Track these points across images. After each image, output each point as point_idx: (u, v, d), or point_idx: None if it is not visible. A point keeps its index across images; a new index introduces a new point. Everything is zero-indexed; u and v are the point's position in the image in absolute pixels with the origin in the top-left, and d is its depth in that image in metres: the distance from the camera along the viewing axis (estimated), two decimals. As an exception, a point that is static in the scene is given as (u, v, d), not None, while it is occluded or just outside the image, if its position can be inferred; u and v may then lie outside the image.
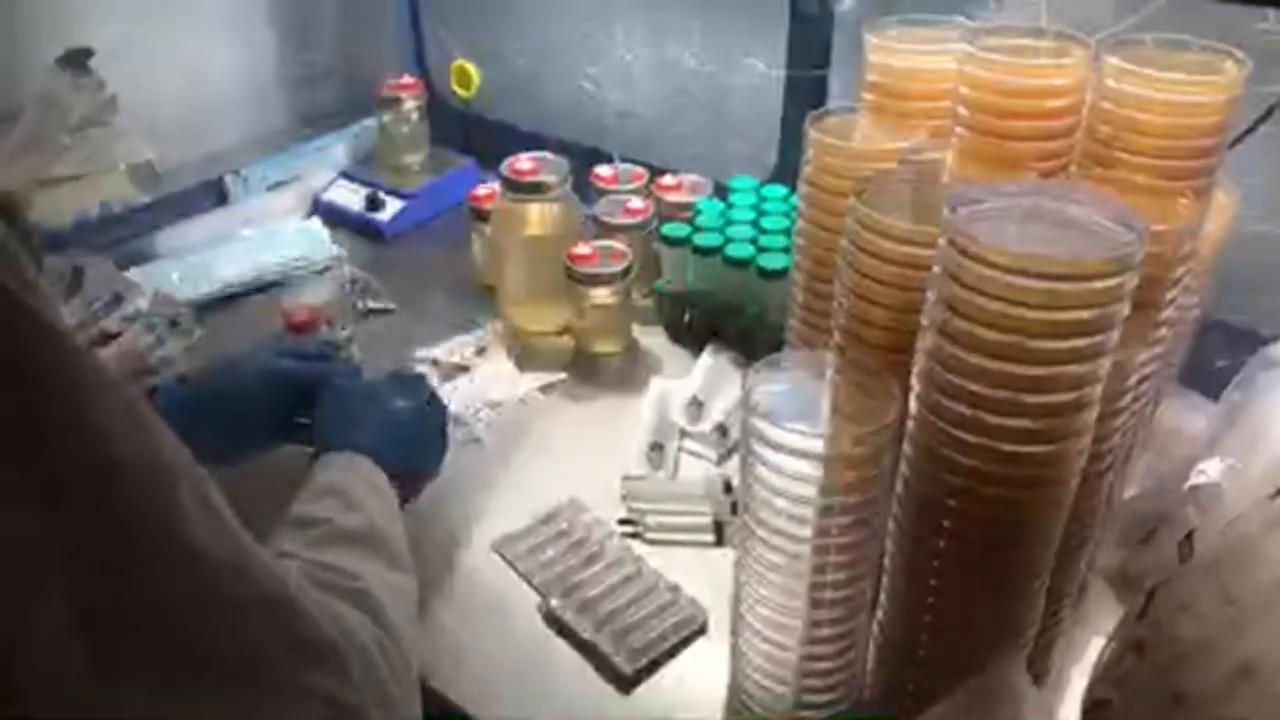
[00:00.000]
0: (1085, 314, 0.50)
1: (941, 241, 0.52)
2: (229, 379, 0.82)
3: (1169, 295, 0.65)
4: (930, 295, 0.55)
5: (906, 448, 0.59)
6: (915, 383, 0.58)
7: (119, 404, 0.39)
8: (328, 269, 1.23)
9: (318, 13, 1.59)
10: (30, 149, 1.18)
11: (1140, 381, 0.65)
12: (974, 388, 0.53)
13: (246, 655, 0.42)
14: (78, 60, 1.21)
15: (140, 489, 0.39)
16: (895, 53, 0.76)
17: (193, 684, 0.40)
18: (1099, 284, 0.49)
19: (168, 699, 0.39)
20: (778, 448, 0.59)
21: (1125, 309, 0.52)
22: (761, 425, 0.59)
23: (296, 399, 0.80)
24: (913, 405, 0.58)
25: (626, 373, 1.08)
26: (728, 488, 0.88)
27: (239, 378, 0.81)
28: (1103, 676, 0.66)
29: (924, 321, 0.56)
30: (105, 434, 0.38)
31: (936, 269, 0.54)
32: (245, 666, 0.42)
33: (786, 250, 1.02)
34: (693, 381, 1.03)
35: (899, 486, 0.61)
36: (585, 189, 1.19)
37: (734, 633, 0.71)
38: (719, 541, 0.86)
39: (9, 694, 0.36)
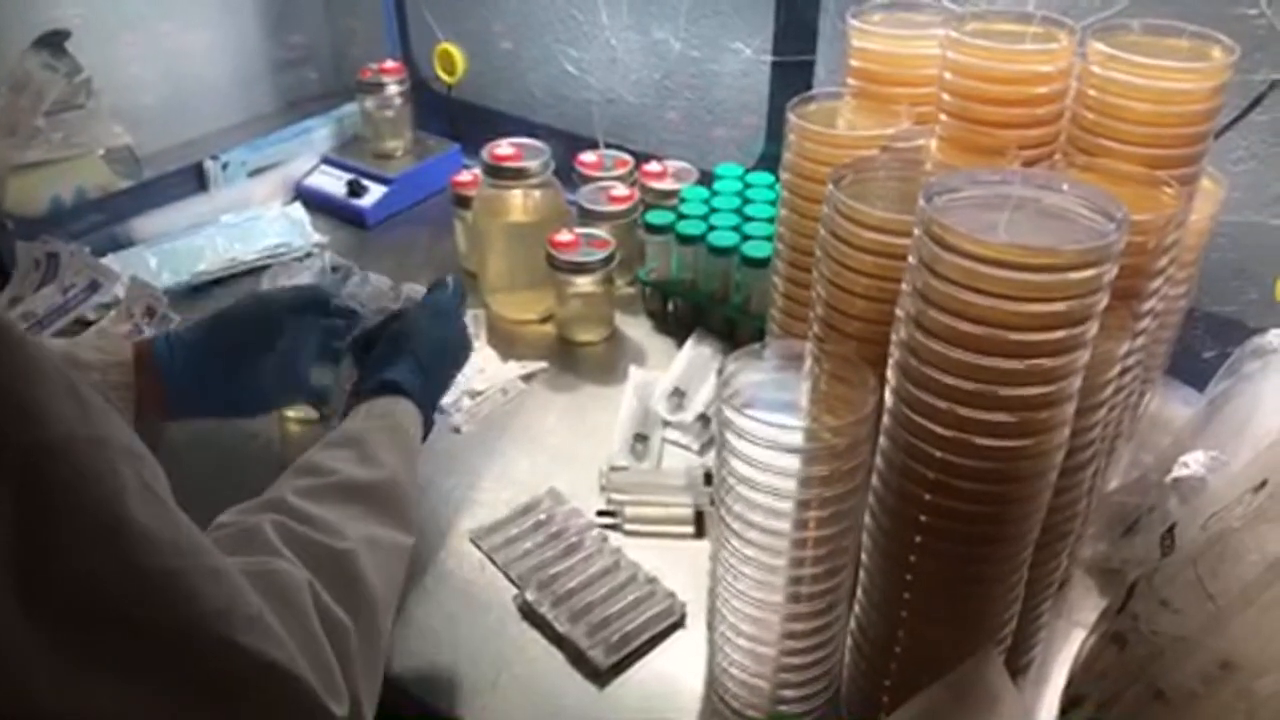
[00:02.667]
0: (1062, 306, 0.49)
1: (916, 230, 0.51)
2: (224, 314, 0.81)
3: (1152, 286, 0.64)
4: (905, 286, 0.54)
5: (882, 440, 0.59)
6: (890, 374, 0.57)
7: (61, 385, 0.40)
8: (309, 256, 1.21)
9: (301, -4, 1.57)
10: (3, 132, 1.16)
11: (1123, 373, 0.64)
12: (948, 380, 0.52)
13: (180, 626, 0.43)
14: (54, 42, 1.20)
15: (79, 465, 0.40)
16: (879, 38, 0.75)
17: (127, 653, 0.41)
18: (1076, 275, 0.48)
19: (102, 669, 0.40)
20: (753, 439, 0.58)
21: (1104, 300, 0.51)
22: (736, 416, 0.58)
23: (293, 335, 0.80)
24: (888, 398, 0.57)
25: (609, 362, 1.07)
26: (708, 479, 0.88)
27: (234, 310, 0.81)
28: (1083, 670, 0.66)
29: (899, 313, 0.55)
30: (44, 413, 0.39)
31: (911, 259, 0.53)
32: (179, 636, 0.43)
33: (771, 239, 1.01)
34: (675, 371, 1.02)
35: (875, 479, 0.61)
36: (570, 175, 1.18)
37: (711, 626, 0.70)
38: (700, 533, 0.85)
39: None
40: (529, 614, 0.78)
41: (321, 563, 0.55)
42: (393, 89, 1.35)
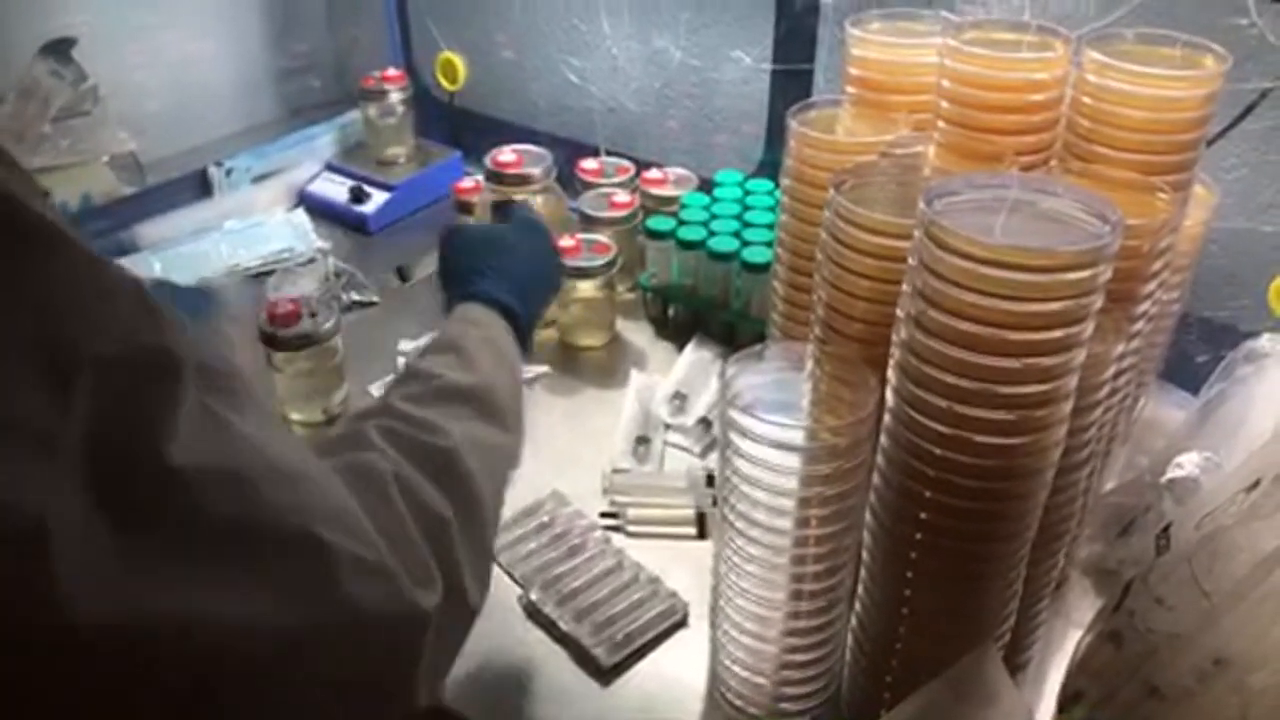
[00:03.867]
0: (1058, 306, 0.50)
1: (916, 233, 0.53)
2: None
3: (1146, 289, 0.66)
4: (906, 287, 0.55)
5: (883, 439, 0.60)
6: (891, 374, 0.58)
7: (131, 295, 0.40)
8: (311, 261, 1.22)
9: (304, 4, 1.58)
10: (10, 139, 1.17)
11: (1118, 375, 0.65)
12: (948, 379, 0.53)
13: (250, 520, 0.42)
14: (61, 50, 1.21)
15: (148, 374, 0.39)
16: (878, 47, 0.76)
17: (216, 555, 0.40)
18: (1072, 276, 0.50)
19: (176, 565, 0.39)
20: (756, 439, 0.59)
21: (1099, 301, 0.52)
22: (739, 417, 0.59)
23: None
24: (889, 397, 0.58)
25: (610, 366, 1.08)
26: (710, 481, 0.89)
27: None
28: (1079, 668, 0.66)
29: (899, 313, 0.56)
30: (112, 324, 0.39)
31: (912, 261, 0.54)
32: (250, 530, 0.42)
33: (770, 245, 1.02)
34: (676, 375, 1.03)
35: (876, 478, 0.62)
36: (571, 182, 1.19)
37: (713, 625, 0.71)
38: (701, 534, 0.86)
39: (47, 590, 0.35)
40: (533, 613, 0.79)
41: (423, 458, 0.56)
42: (395, 97, 1.37)
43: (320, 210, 1.35)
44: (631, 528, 0.86)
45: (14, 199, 0.37)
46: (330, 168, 1.40)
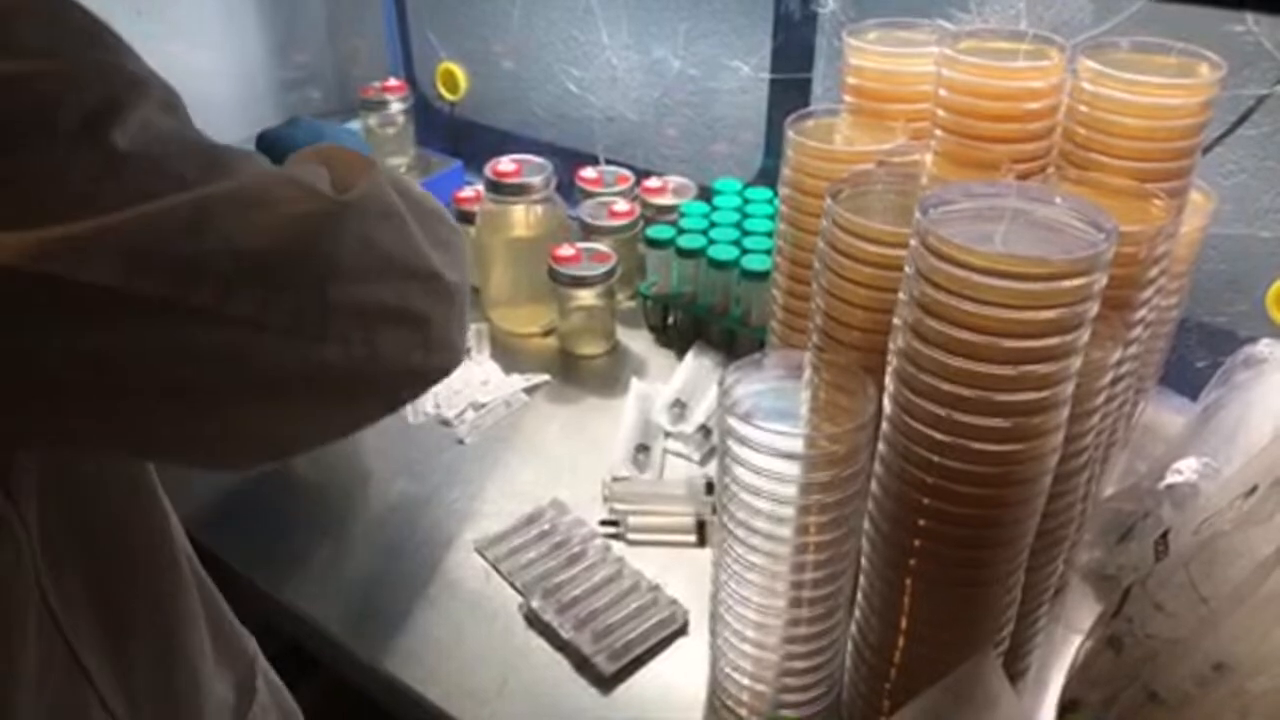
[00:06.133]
0: (1053, 314, 0.50)
1: (913, 242, 0.53)
2: None
3: (1143, 296, 0.66)
4: (903, 295, 0.55)
5: (881, 447, 0.60)
6: (889, 382, 0.58)
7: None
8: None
9: (305, 15, 1.59)
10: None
11: (1116, 381, 0.65)
12: (946, 386, 0.53)
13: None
14: (62, 62, 1.21)
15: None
16: (875, 56, 0.76)
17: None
18: (1067, 283, 0.50)
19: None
20: (755, 446, 0.59)
21: (1094, 308, 0.52)
22: (738, 424, 0.59)
23: None
24: (886, 405, 0.59)
25: (610, 374, 1.08)
26: (710, 488, 0.89)
27: None
28: (1079, 674, 0.67)
29: (897, 321, 0.56)
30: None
31: (909, 269, 0.54)
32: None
33: (770, 253, 1.02)
34: (675, 383, 1.04)
35: (874, 485, 0.62)
36: (571, 191, 1.19)
37: (713, 632, 0.71)
38: (701, 542, 0.86)
39: None
40: (534, 621, 0.79)
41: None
42: (395, 107, 1.37)
43: (321, 220, 1.35)
44: (631, 535, 0.87)
45: None
46: (331, 177, 1.40)
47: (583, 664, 0.75)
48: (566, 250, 1.06)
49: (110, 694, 0.55)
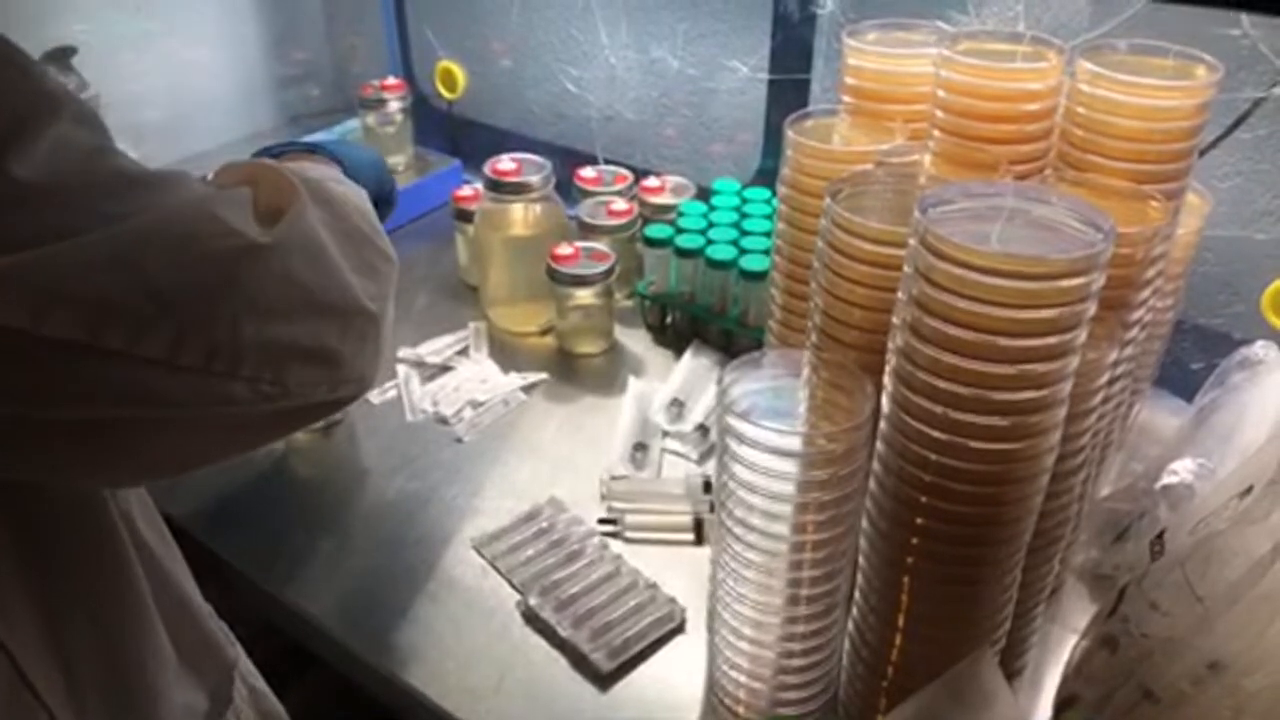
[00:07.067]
0: (1051, 313, 0.51)
1: (912, 241, 0.53)
2: None
3: (1140, 297, 0.66)
4: (901, 294, 0.55)
5: (879, 445, 0.60)
6: (887, 381, 0.58)
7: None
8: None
9: (304, 13, 1.59)
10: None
11: (1112, 382, 0.66)
12: (943, 385, 0.54)
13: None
14: (61, 58, 1.21)
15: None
16: (874, 57, 0.76)
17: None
18: (1065, 283, 0.50)
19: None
20: (753, 445, 0.59)
21: (1091, 308, 0.52)
22: (736, 423, 0.59)
23: None
24: (885, 403, 0.59)
25: (608, 373, 1.08)
26: (707, 487, 0.89)
27: None
28: (1074, 672, 0.67)
29: (895, 320, 0.56)
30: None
31: (907, 268, 0.54)
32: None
33: (768, 252, 1.03)
34: (673, 382, 1.04)
35: (872, 484, 0.62)
36: (569, 190, 1.20)
37: (711, 629, 0.71)
38: (699, 540, 0.87)
39: None
40: (532, 619, 0.79)
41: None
42: (394, 105, 1.37)
43: (319, 218, 1.35)
44: (629, 534, 0.87)
45: None
46: (329, 176, 1.40)
47: (580, 661, 0.75)
48: (565, 249, 1.06)
49: (59, 706, 0.54)
